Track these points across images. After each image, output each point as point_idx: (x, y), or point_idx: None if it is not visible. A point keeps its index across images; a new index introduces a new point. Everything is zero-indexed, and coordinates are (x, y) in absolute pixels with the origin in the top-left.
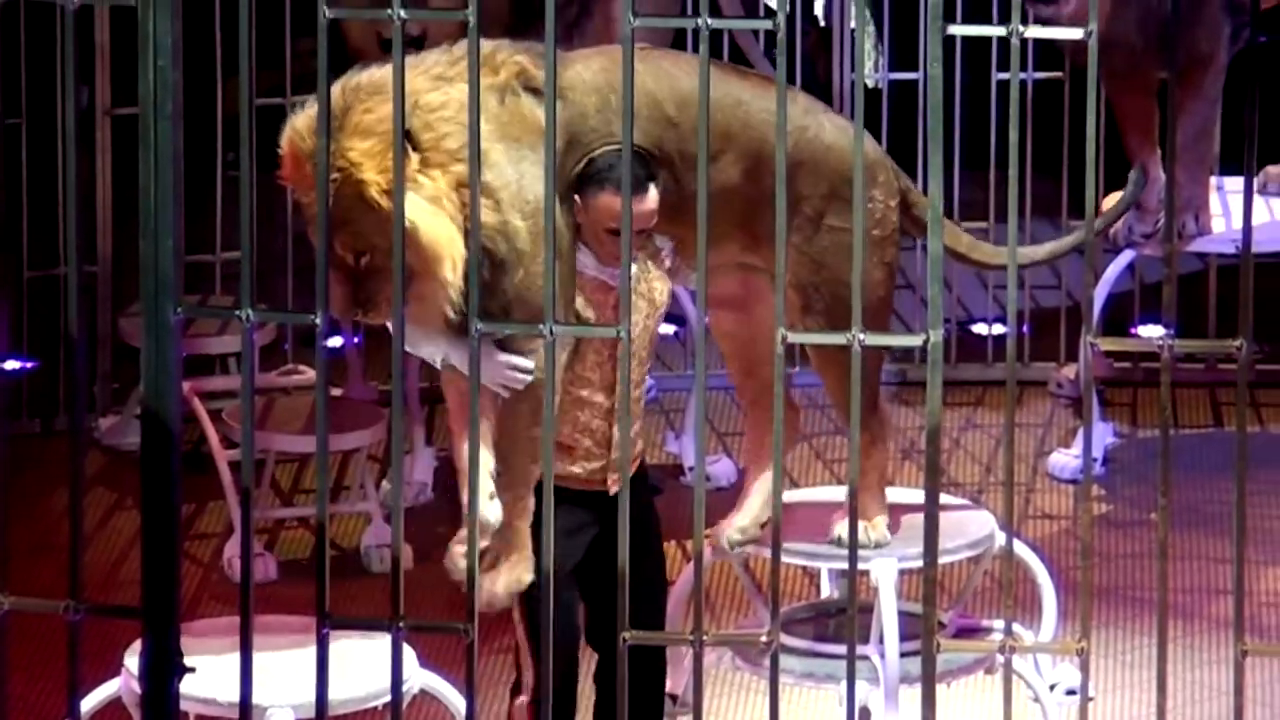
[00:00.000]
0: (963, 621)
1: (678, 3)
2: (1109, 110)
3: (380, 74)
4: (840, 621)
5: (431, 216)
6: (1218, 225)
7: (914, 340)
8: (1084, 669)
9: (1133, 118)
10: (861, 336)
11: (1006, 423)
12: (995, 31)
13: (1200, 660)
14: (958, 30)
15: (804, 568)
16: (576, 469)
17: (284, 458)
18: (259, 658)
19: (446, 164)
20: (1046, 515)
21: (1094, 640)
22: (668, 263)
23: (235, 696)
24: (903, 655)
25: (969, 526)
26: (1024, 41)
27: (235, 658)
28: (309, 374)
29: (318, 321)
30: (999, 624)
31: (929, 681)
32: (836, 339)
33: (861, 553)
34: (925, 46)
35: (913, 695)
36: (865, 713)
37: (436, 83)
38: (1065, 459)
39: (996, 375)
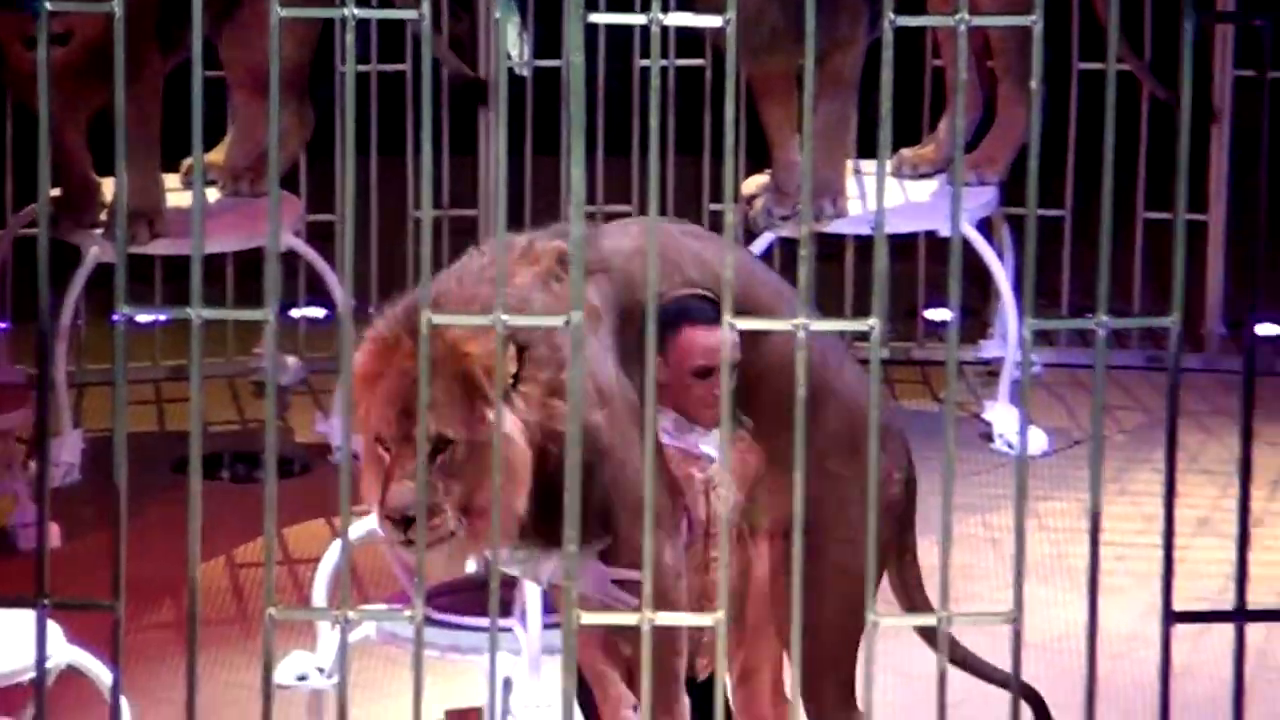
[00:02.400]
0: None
1: None
2: (749, 95)
3: (471, 280)
4: (484, 596)
5: (517, 441)
6: (854, 207)
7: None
8: (719, 639)
9: (772, 101)
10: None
11: (648, 407)
12: (636, 20)
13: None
14: (599, 19)
15: None
16: None
17: None
18: None
19: (535, 375)
20: None
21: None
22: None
23: None
24: (545, 627)
25: None
26: (665, 29)
27: None
28: None
29: None
30: None
31: (570, 652)
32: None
33: None
34: (567, 34)
35: (555, 665)
36: (509, 683)
37: (488, 286)
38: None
39: None
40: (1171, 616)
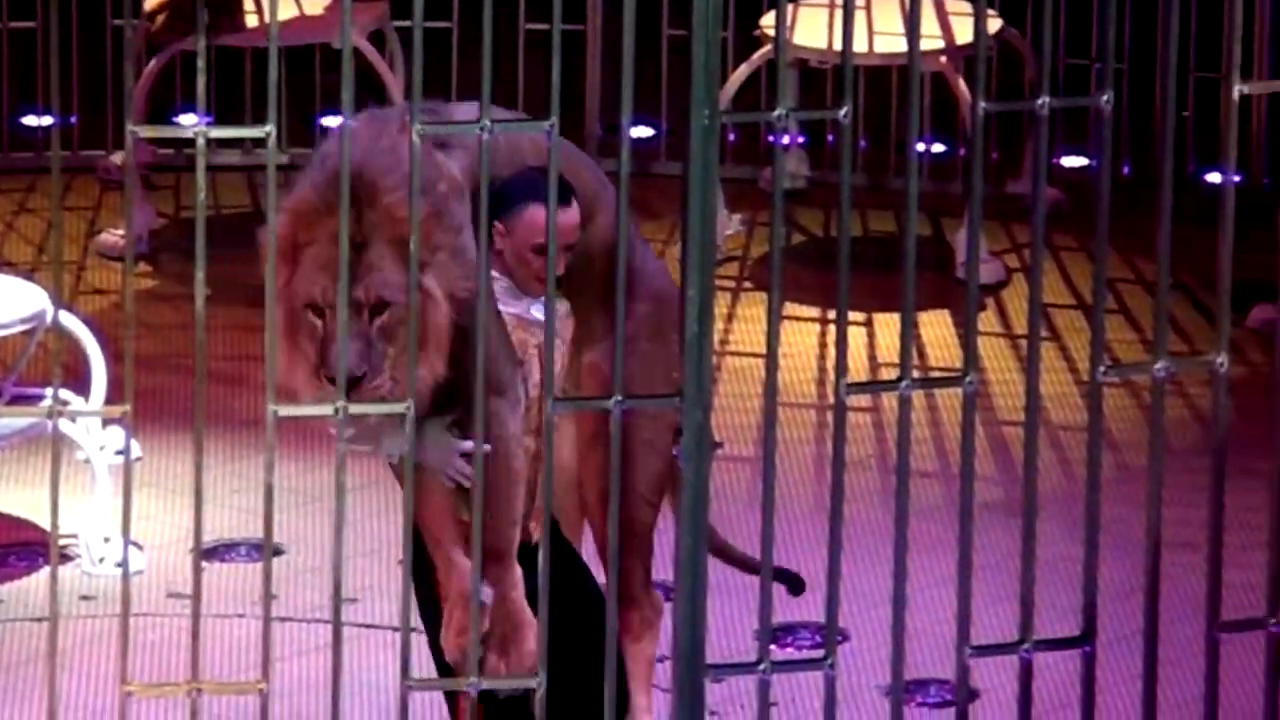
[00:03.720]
0: (18, 390)
1: None
2: None
3: (375, 151)
4: None
5: (442, 304)
6: (251, 21)
7: None
8: (128, 432)
9: None
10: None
11: (56, 211)
12: None
13: None
14: None
15: None
16: None
17: None
18: None
19: (444, 241)
20: (98, 290)
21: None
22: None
23: None
24: None
25: (23, 302)
26: None
27: None
28: None
29: None
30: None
31: None
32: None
33: None
34: None
35: None
36: None
37: (392, 156)
38: (113, 239)
39: (45, 164)
40: (618, 403)
